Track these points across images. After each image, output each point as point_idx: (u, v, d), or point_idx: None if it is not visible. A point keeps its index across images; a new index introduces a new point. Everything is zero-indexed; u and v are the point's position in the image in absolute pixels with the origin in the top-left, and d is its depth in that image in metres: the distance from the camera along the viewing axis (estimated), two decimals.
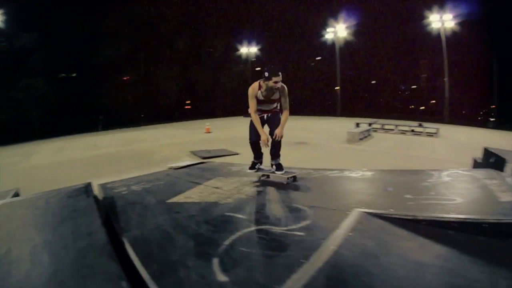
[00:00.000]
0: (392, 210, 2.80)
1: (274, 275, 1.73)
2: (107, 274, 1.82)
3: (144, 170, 6.11)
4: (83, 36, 26.10)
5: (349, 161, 8.43)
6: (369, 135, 14.47)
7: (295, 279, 1.66)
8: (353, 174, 4.31)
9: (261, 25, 40.96)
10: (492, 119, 38.08)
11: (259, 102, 4.43)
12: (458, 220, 2.57)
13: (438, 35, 33.80)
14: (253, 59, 40.96)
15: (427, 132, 17.34)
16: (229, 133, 16.16)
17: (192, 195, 3.54)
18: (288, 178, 4.20)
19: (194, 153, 10.11)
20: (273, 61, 39.97)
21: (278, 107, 4.58)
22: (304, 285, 1.61)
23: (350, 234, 2.27)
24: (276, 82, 4.14)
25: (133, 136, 17.29)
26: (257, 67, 41.82)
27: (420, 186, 3.59)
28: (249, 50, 39.83)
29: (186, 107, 36.72)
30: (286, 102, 4.48)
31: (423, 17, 33.68)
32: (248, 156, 8.87)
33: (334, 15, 36.43)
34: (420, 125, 17.88)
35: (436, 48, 35.35)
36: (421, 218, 2.63)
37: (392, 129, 17.60)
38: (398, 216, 2.64)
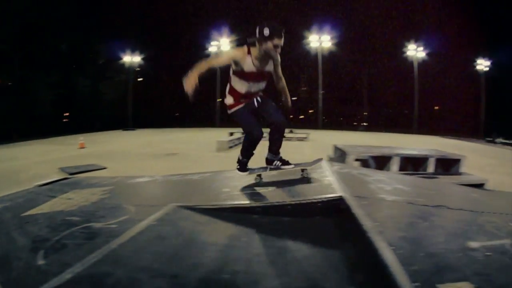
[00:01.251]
0: (204, 202, 3.43)
1: (79, 256, 2.28)
2: None
3: (11, 191, 6.23)
4: None
5: (212, 167, 9.25)
6: (240, 143, 15.23)
7: (92, 256, 2.25)
8: (193, 177, 4.96)
9: (146, 33, 40.31)
10: (365, 124, 44.35)
11: (246, 76, 3.49)
12: (262, 205, 3.03)
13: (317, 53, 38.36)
14: (137, 69, 39.96)
15: (297, 137, 19.61)
16: (104, 148, 16.05)
17: (45, 207, 3.97)
18: (303, 171, 3.95)
19: (63, 169, 10.22)
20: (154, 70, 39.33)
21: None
22: (97, 260, 2.22)
23: (154, 223, 2.88)
24: (276, 47, 3.32)
25: (1, 155, 16.12)
26: (139, 78, 41.31)
27: (243, 181, 4.06)
28: (132, 59, 38.37)
29: (64, 119, 34.60)
30: (280, 70, 3.73)
31: (303, 37, 38.94)
32: (117, 169, 9.20)
33: (219, 29, 38.04)
34: (291, 131, 20.05)
35: (314, 64, 39.69)
36: (226, 206, 3.19)
37: (265, 137, 18.89)
38: (206, 207, 3.24)
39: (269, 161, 4.01)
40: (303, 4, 41.20)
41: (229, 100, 3.69)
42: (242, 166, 4.03)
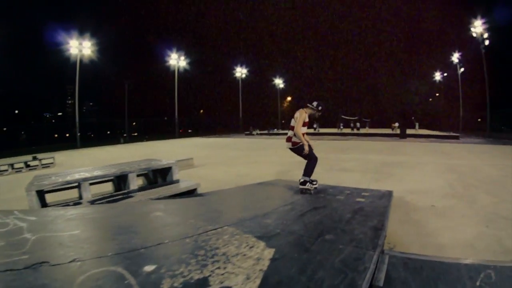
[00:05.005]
0: None
1: None
2: None
3: None
4: None
5: None
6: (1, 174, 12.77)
7: None
8: None
9: None
10: (134, 134, 46.06)
11: (304, 124, 5.86)
12: None
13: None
14: None
15: (43, 164, 16.94)
16: None
17: None
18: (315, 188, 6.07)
19: None
20: None
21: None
22: None
23: None
24: (319, 114, 6.00)
25: None
26: None
27: None
28: None
29: None
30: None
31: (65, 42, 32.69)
32: None
33: None
34: (35, 158, 17.47)
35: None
36: None
37: (7, 170, 14.85)
38: None
39: (303, 182, 5.91)
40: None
41: (295, 139, 5.89)
42: (311, 182, 5.97)
